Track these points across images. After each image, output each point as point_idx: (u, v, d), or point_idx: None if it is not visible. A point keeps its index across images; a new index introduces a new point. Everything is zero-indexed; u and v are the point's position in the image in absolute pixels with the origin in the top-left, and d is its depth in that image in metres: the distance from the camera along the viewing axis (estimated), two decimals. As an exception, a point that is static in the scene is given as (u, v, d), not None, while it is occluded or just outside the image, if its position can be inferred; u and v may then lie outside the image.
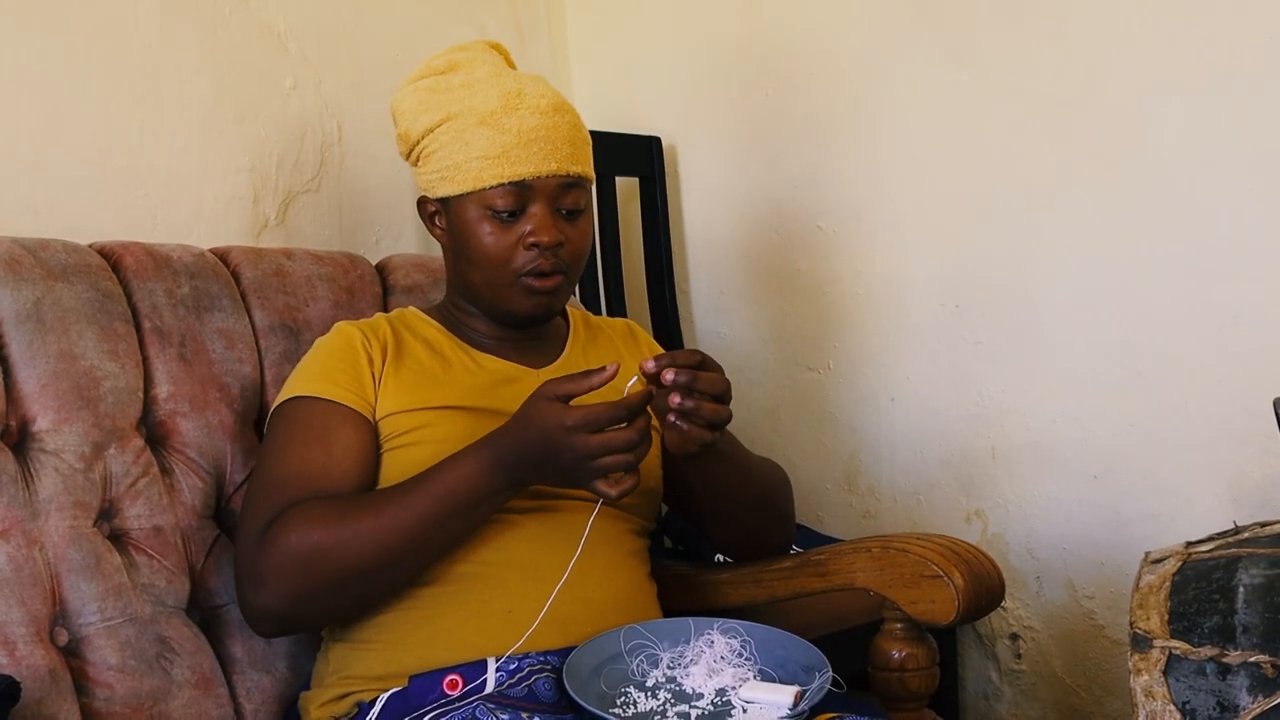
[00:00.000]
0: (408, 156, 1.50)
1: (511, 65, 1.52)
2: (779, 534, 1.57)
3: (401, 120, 1.48)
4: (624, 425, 1.22)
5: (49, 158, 1.67)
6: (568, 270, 1.45)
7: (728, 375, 1.66)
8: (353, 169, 2.05)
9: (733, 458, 1.46)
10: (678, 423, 1.27)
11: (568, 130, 1.43)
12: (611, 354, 1.58)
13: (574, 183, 1.44)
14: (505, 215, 1.41)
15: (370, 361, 1.42)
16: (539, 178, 1.41)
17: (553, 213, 1.42)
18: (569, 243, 1.44)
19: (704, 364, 1.28)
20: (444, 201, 1.46)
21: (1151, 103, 1.83)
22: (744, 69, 2.29)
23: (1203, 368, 1.81)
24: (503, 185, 1.40)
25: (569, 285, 1.47)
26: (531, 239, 1.41)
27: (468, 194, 1.42)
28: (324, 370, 1.41)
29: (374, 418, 1.40)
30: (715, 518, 1.53)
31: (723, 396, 1.29)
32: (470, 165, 1.41)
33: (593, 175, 1.48)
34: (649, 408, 1.27)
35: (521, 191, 1.41)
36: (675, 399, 1.25)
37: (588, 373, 1.25)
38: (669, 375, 1.24)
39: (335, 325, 1.48)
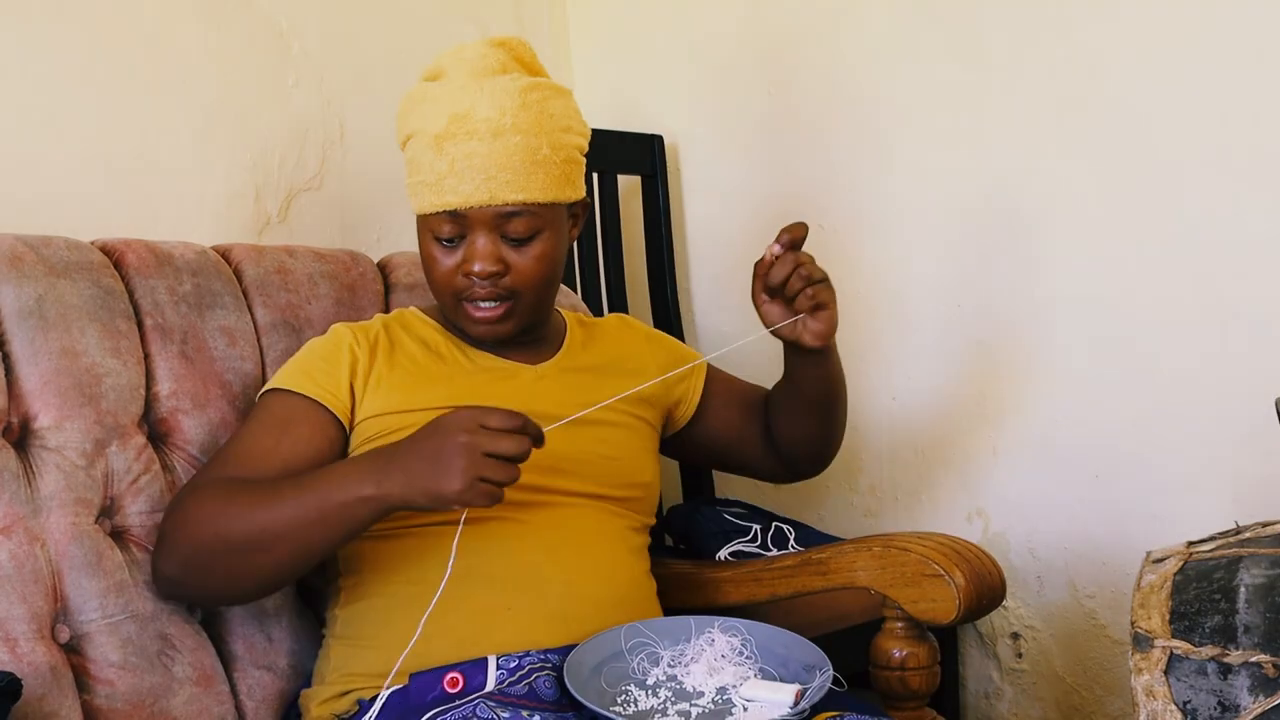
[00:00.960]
0: None
1: (522, 64, 1.47)
2: (841, 436, 1.64)
3: (396, 123, 1.49)
4: (518, 434, 1.17)
5: (51, 154, 1.67)
6: (512, 297, 1.43)
7: (727, 373, 1.70)
8: (355, 167, 2.05)
9: (836, 354, 1.54)
10: (808, 292, 1.39)
11: (508, 156, 1.38)
12: (608, 347, 1.59)
13: (517, 211, 1.40)
14: (445, 241, 1.42)
15: (355, 361, 1.42)
16: (471, 208, 1.39)
17: (495, 240, 1.41)
18: (514, 270, 1.42)
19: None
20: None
21: (1154, 101, 1.83)
22: (747, 67, 2.29)
23: (1204, 367, 1.81)
24: (440, 214, 1.40)
25: (522, 309, 1.45)
26: (465, 268, 1.41)
27: (419, 216, 1.44)
28: (303, 367, 1.43)
29: (351, 417, 1.41)
30: (810, 413, 1.57)
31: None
32: (417, 189, 1.42)
33: (555, 197, 1.42)
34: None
35: (458, 220, 1.40)
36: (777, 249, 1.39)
37: (519, 415, 1.20)
38: (777, 249, 1.39)
39: (331, 327, 1.49)
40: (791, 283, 1.39)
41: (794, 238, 1.39)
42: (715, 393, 1.65)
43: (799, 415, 1.58)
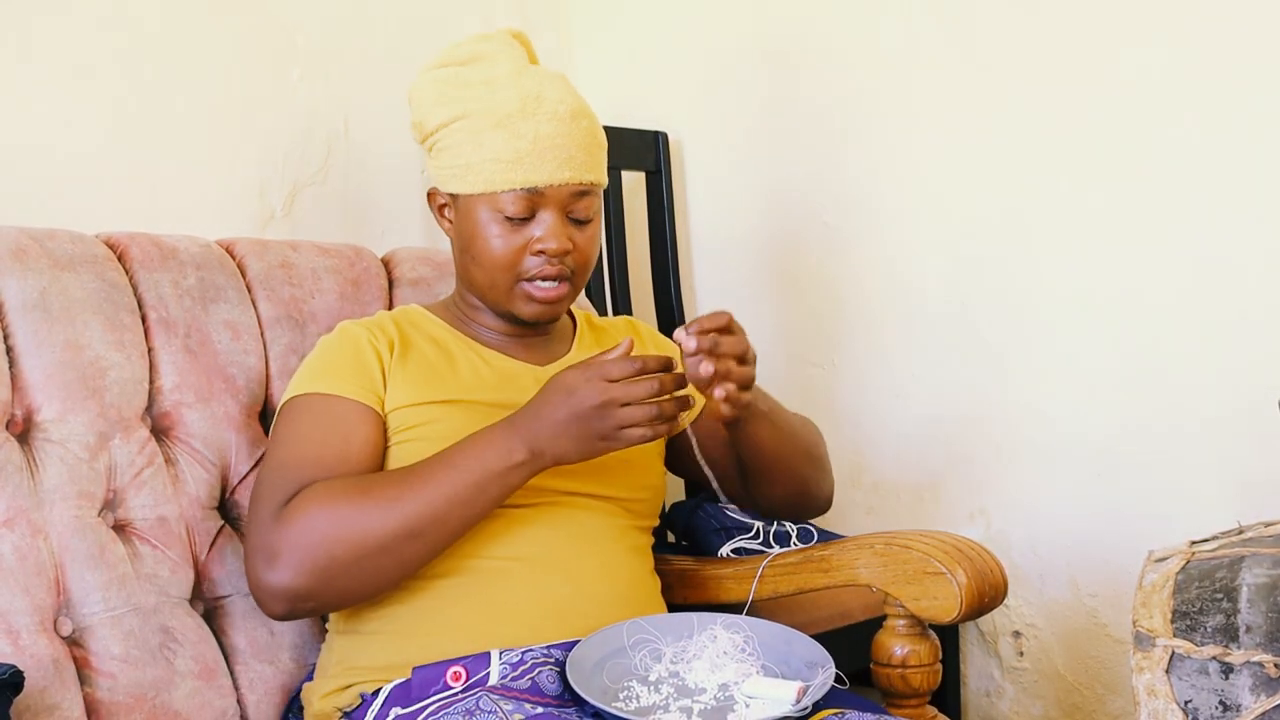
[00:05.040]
0: (422, 144, 1.50)
1: (533, 57, 1.50)
2: (824, 484, 1.59)
3: (417, 109, 1.47)
4: (640, 378, 1.25)
5: (56, 148, 1.67)
6: (573, 277, 1.45)
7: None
8: (359, 162, 2.05)
9: (773, 415, 1.48)
10: (712, 389, 1.30)
11: (584, 137, 1.43)
12: None
13: (586, 190, 1.43)
14: (515, 220, 1.41)
15: (378, 356, 1.42)
16: (551, 186, 1.40)
17: (562, 220, 1.42)
18: (577, 250, 1.43)
19: (729, 326, 1.31)
20: (454, 196, 1.46)
21: (1159, 103, 1.83)
22: (751, 63, 2.29)
23: (1208, 366, 1.81)
24: (515, 191, 1.40)
25: (574, 291, 1.47)
26: (539, 246, 1.41)
27: (479, 195, 1.42)
28: (333, 368, 1.41)
29: (384, 412, 1.40)
30: (764, 477, 1.53)
31: (744, 357, 1.32)
32: (484, 167, 1.40)
33: (605, 181, 1.48)
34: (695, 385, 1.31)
35: (533, 198, 1.40)
36: (706, 367, 1.27)
37: (607, 352, 1.28)
38: (690, 344, 1.27)
39: (339, 325, 1.48)
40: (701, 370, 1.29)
41: (710, 328, 1.30)
42: (707, 411, 1.62)
43: (751, 463, 1.52)
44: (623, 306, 2.26)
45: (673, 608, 1.49)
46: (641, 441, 1.27)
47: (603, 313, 2.20)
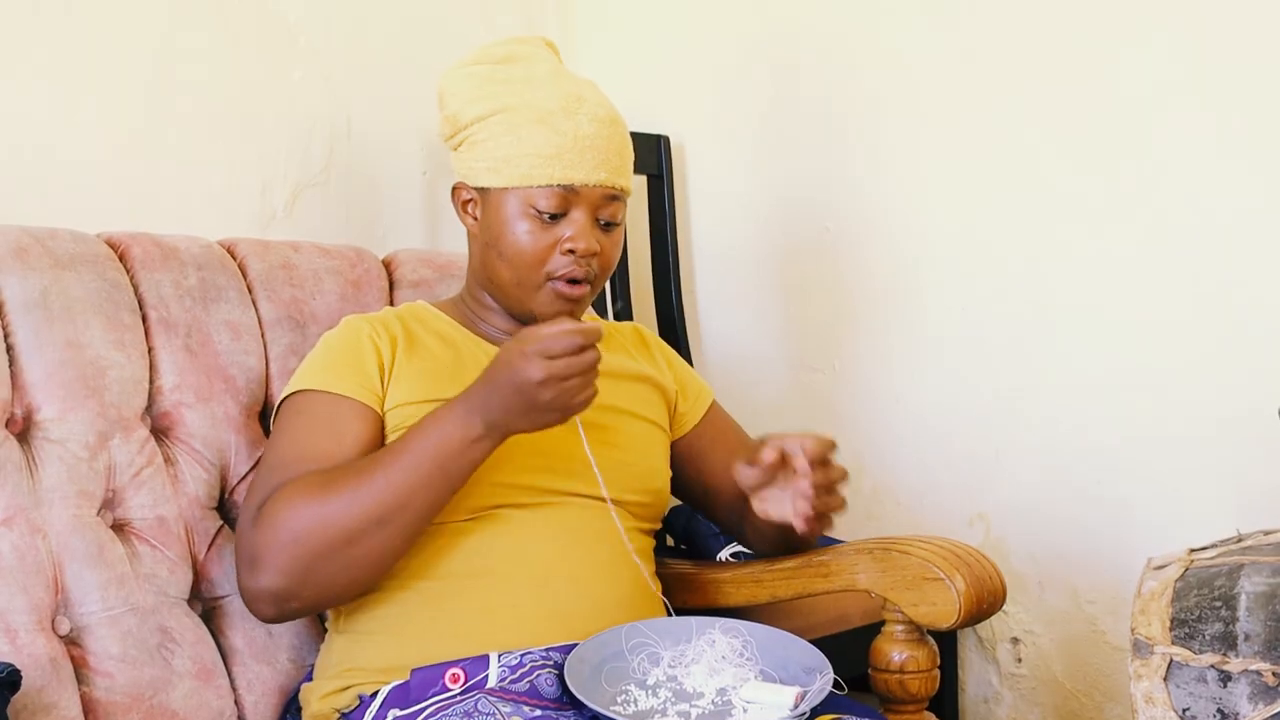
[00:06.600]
0: (450, 139, 1.49)
1: (561, 63, 1.51)
2: (813, 539, 1.56)
3: (451, 102, 1.47)
4: (580, 351, 1.23)
5: (57, 147, 1.67)
6: (595, 280, 1.45)
7: (731, 375, 1.67)
8: (361, 163, 2.05)
9: None
10: (802, 513, 1.32)
11: (619, 143, 1.45)
12: (624, 355, 1.59)
13: (617, 195, 1.44)
14: (547, 216, 1.41)
15: (379, 353, 1.41)
16: (587, 186, 1.41)
17: (592, 221, 1.43)
18: (603, 253, 1.44)
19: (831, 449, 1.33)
20: (483, 191, 1.45)
21: (1162, 108, 1.83)
22: (754, 68, 2.29)
23: (1208, 374, 1.81)
24: (551, 187, 1.40)
25: (593, 294, 1.47)
26: (569, 245, 1.41)
27: (512, 189, 1.42)
28: (331, 364, 1.41)
29: (382, 409, 1.39)
30: (760, 537, 1.54)
31: (835, 488, 1.34)
32: (521, 161, 1.40)
33: (632, 190, 1.49)
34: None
35: (568, 196, 1.41)
36: (808, 491, 1.30)
37: (566, 323, 1.25)
38: (803, 463, 1.30)
39: (343, 319, 1.48)
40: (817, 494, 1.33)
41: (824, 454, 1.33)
42: (711, 429, 1.63)
43: (750, 531, 1.55)
44: (624, 309, 2.26)
45: (672, 612, 1.49)
46: (584, 409, 1.27)
47: (603, 315, 2.20)
